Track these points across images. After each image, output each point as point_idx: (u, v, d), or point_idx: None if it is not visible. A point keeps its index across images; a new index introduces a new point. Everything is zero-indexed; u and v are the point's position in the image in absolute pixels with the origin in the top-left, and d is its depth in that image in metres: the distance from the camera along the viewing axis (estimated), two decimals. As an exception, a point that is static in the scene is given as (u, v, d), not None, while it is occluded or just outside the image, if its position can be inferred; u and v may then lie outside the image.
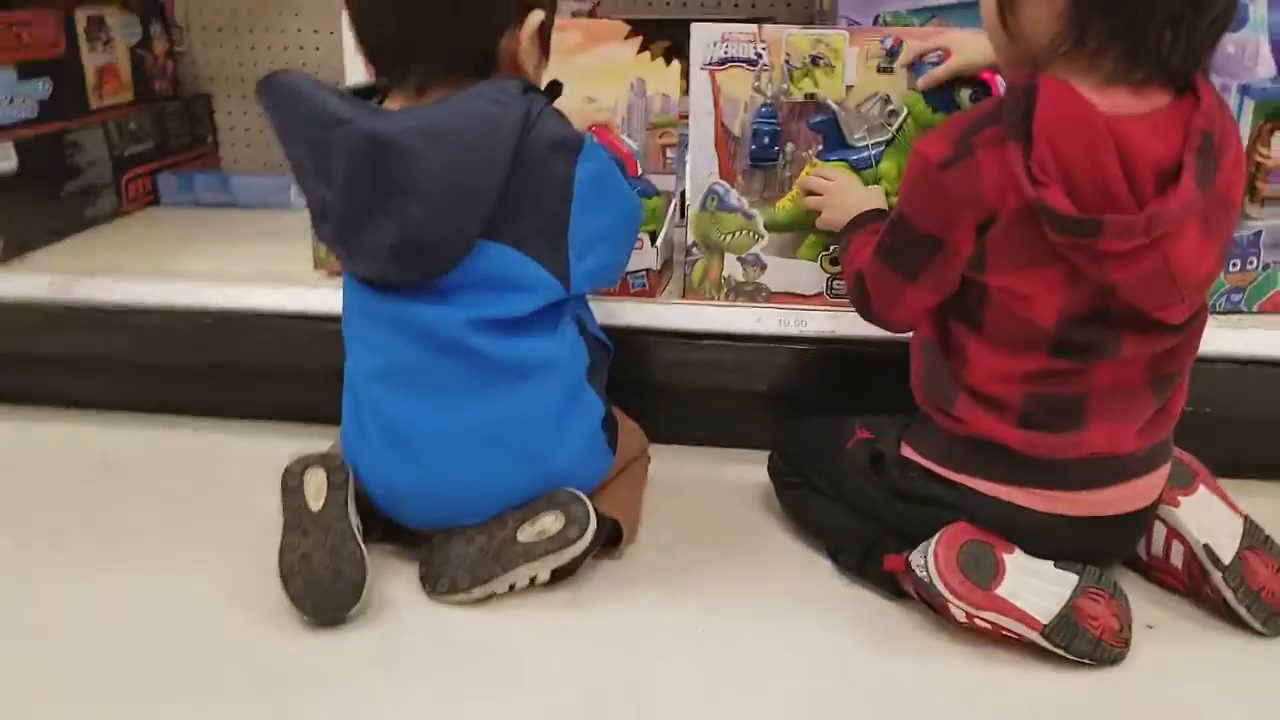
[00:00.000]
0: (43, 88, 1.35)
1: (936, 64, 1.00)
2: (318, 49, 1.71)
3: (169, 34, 1.66)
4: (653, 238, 1.10)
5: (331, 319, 1.04)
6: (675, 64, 1.14)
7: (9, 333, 1.16)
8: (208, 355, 1.13)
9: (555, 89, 0.88)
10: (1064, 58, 0.72)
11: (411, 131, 0.77)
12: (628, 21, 1.51)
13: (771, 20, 1.57)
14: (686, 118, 1.09)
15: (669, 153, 1.17)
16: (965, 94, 0.99)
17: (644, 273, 1.09)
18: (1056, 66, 0.72)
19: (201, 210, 1.55)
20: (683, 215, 1.13)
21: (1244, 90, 1.04)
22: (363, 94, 0.85)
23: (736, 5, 1.65)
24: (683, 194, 1.14)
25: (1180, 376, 0.81)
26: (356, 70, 0.91)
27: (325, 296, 1.09)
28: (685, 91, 1.09)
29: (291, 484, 0.84)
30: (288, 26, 1.71)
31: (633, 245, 0.97)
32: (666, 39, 1.52)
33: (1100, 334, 0.76)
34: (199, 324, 1.13)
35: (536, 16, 0.83)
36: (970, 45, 0.96)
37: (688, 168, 1.09)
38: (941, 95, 1.00)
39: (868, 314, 0.87)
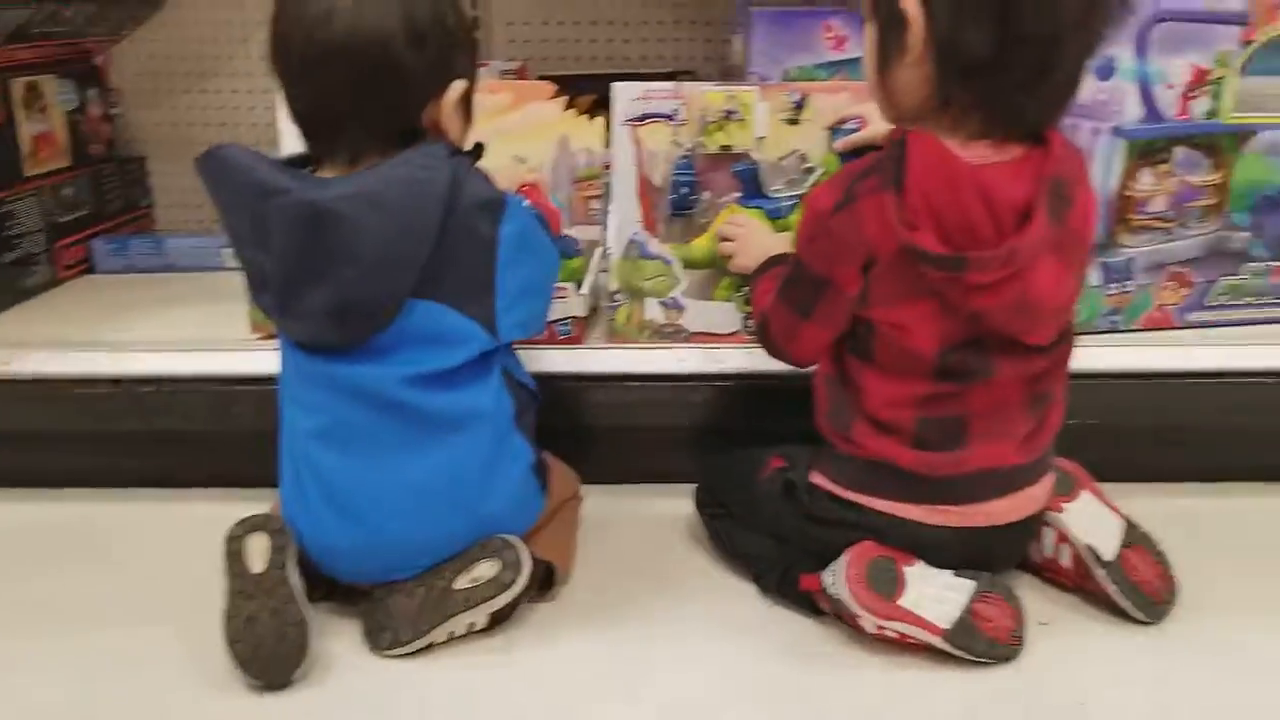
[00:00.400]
0: (-23, 159, 1.35)
1: (853, 130, 1.09)
2: (252, 108, 1.75)
3: (105, 98, 1.67)
4: (579, 286, 1.16)
5: (270, 381, 1.06)
6: (599, 120, 1.21)
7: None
8: (148, 423, 1.14)
9: (478, 150, 0.93)
10: (933, 116, 0.80)
11: (346, 199, 0.81)
12: (555, 78, 1.58)
13: (690, 74, 1.65)
14: (610, 167, 1.15)
15: (593, 204, 1.23)
16: None
17: (570, 320, 1.15)
18: (928, 123, 0.81)
19: (137, 275, 1.56)
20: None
21: (1116, 131, 1.13)
22: (297, 163, 0.89)
23: (661, 58, 1.72)
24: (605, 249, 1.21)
25: (1053, 396, 0.89)
26: (291, 132, 0.94)
27: (262, 359, 1.11)
28: (608, 144, 1.16)
29: (234, 549, 0.85)
30: (223, 87, 1.75)
31: (553, 294, 1.02)
32: (593, 93, 1.59)
33: (976, 359, 0.83)
34: (137, 393, 1.14)
35: (458, 87, 0.88)
36: None
37: (610, 216, 1.16)
38: (855, 159, 1.08)
39: (772, 350, 0.94)
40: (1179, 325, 1.22)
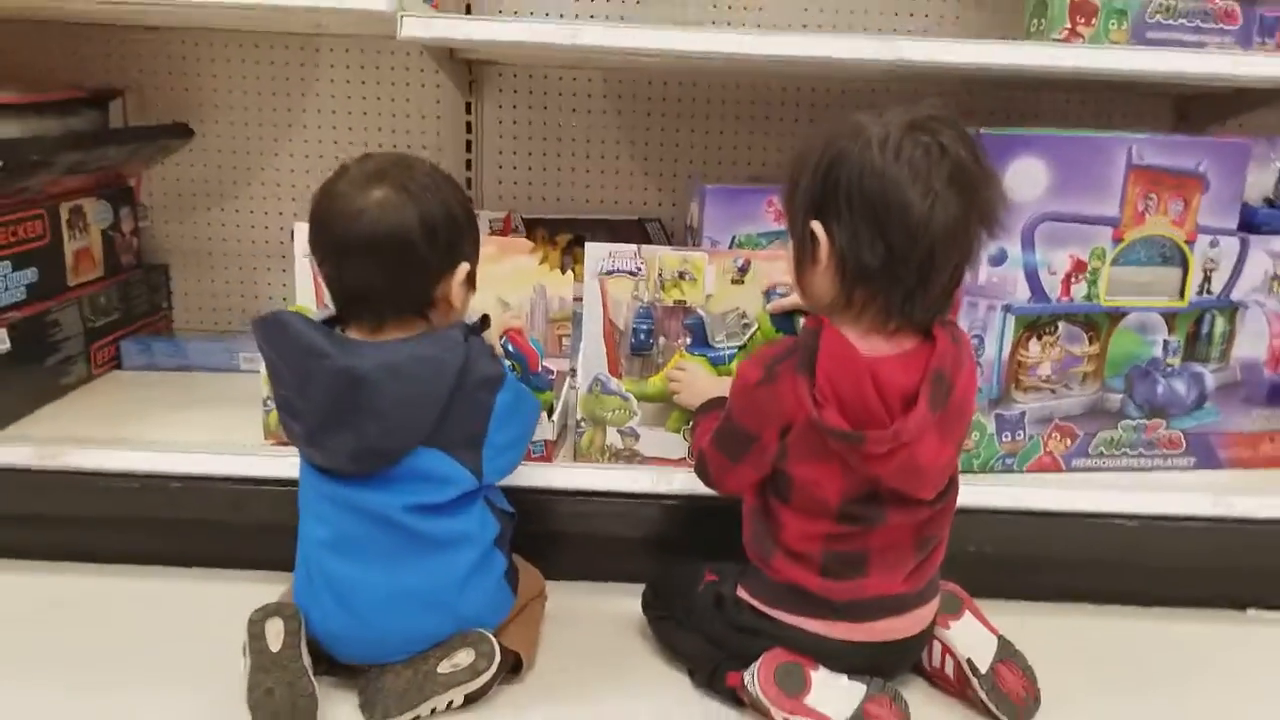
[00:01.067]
0: (31, 274, 1.52)
1: (784, 295, 1.29)
2: (267, 227, 1.95)
3: (135, 214, 1.86)
4: (550, 414, 1.35)
5: (278, 482, 1.27)
6: (569, 273, 1.42)
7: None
8: (177, 513, 1.32)
9: (485, 322, 1.13)
10: (841, 311, 1.01)
11: (378, 368, 1.00)
12: (538, 220, 1.80)
13: (657, 222, 1.87)
14: (580, 299, 1.36)
15: (564, 340, 1.44)
16: (801, 322, 1.26)
17: (543, 442, 1.34)
18: (836, 315, 1.01)
19: (159, 374, 1.73)
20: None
21: (1006, 308, 1.35)
22: (329, 322, 1.07)
23: (632, 204, 1.94)
24: (574, 370, 1.40)
25: (938, 539, 1.08)
26: (302, 247, 1.11)
27: (273, 464, 1.30)
28: (580, 277, 1.36)
29: (255, 630, 1.02)
30: (241, 208, 1.95)
31: (528, 445, 1.21)
32: (571, 232, 1.82)
33: (872, 509, 1.02)
34: (168, 488, 1.32)
35: (464, 268, 1.07)
36: None
37: (580, 354, 1.35)
38: (784, 319, 1.28)
39: (706, 482, 1.13)
40: (1065, 469, 1.42)
